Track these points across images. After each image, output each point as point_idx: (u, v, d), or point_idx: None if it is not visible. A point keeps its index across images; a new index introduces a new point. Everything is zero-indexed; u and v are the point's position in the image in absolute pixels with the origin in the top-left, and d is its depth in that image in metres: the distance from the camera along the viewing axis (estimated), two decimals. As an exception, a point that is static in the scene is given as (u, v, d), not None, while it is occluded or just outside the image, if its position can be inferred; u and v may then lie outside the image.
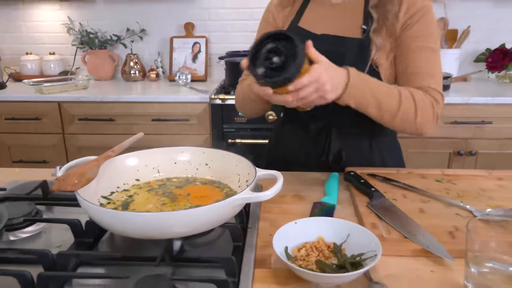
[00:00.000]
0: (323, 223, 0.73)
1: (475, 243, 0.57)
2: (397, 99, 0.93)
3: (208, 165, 0.91)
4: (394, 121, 0.94)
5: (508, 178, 0.99)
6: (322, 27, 1.06)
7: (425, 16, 1.01)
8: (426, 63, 1.00)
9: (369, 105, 0.91)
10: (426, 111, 0.95)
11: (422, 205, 0.85)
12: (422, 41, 1.00)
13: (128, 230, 0.67)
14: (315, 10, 1.09)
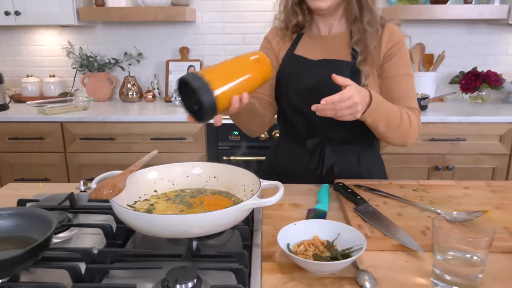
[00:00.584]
0: (318, 224, 0.87)
1: (439, 236, 0.72)
2: (399, 117, 1.10)
3: (216, 178, 1.05)
4: (393, 134, 1.11)
5: (473, 187, 1.15)
6: (316, 54, 1.22)
7: (401, 48, 1.19)
8: (407, 88, 1.19)
9: (380, 122, 1.06)
10: (415, 126, 1.14)
11: (400, 210, 1.00)
12: (402, 69, 1.18)
13: (155, 230, 0.80)
14: (307, 41, 1.26)
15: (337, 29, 1.23)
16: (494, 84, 2.55)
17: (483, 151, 2.29)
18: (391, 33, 1.18)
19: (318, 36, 1.25)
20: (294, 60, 1.23)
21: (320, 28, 1.25)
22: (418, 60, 2.74)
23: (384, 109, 1.07)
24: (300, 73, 1.20)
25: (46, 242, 0.72)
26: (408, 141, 1.17)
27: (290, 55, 1.25)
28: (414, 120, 1.15)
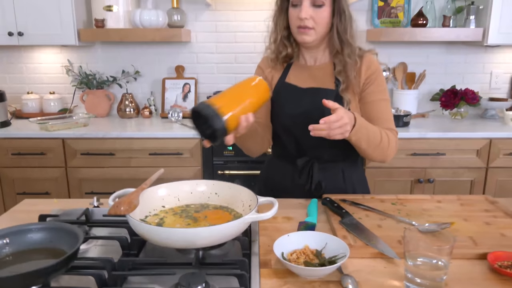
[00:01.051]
0: (308, 235, 1.00)
1: (410, 245, 0.86)
2: (379, 137, 1.24)
3: (217, 194, 1.18)
4: (374, 151, 1.25)
5: (445, 201, 1.29)
6: (305, 82, 1.37)
7: (378, 76, 1.34)
8: (385, 111, 1.34)
9: (363, 141, 1.20)
10: (393, 144, 1.29)
11: (380, 222, 1.14)
12: (379, 95, 1.33)
13: (168, 241, 0.92)
14: (296, 70, 1.40)
15: (322, 60, 1.38)
16: (471, 101, 2.73)
17: (461, 165, 2.45)
18: (369, 64, 1.33)
19: (305, 66, 1.40)
20: (286, 88, 1.37)
21: (306, 59, 1.40)
22: (401, 78, 2.91)
23: (366, 129, 1.21)
24: (292, 100, 1.34)
25: (75, 253, 0.84)
26: (387, 158, 1.31)
27: (282, 83, 1.39)
28: (392, 140, 1.29)
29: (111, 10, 2.65)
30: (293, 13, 1.30)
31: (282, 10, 1.37)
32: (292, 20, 1.32)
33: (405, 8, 2.82)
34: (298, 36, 1.32)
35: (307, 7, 1.26)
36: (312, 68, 1.39)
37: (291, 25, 1.33)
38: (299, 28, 1.30)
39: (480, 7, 2.63)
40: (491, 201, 1.29)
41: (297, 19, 1.29)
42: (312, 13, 1.26)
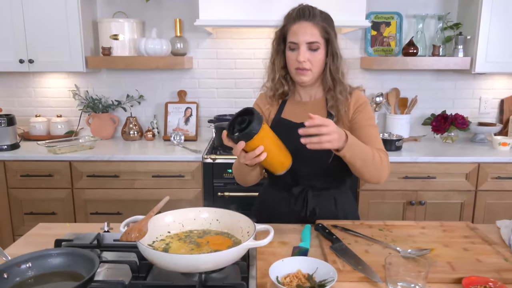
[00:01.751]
0: (301, 260, 1.11)
1: (390, 271, 0.96)
2: (371, 154, 1.33)
3: (218, 221, 1.29)
4: (369, 168, 1.33)
5: (429, 227, 1.40)
6: (298, 117, 1.49)
7: (365, 107, 1.47)
8: (373, 135, 1.45)
9: (357, 157, 1.30)
10: (386, 162, 1.38)
11: (367, 247, 1.24)
12: (367, 122, 1.46)
13: (174, 266, 1.02)
14: (292, 106, 1.53)
15: (315, 96, 1.51)
16: (461, 126, 2.85)
17: (451, 188, 2.56)
18: (357, 98, 1.46)
19: (300, 102, 1.52)
20: (281, 123, 1.49)
21: (302, 96, 1.52)
22: (393, 103, 3.03)
23: (359, 146, 1.31)
24: (287, 134, 1.46)
25: (92, 277, 0.95)
26: (381, 178, 1.39)
27: (278, 119, 1.51)
28: (384, 159, 1.38)
29: (117, 39, 2.79)
30: (292, 56, 1.43)
31: (278, 52, 1.50)
32: (290, 62, 1.45)
33: (397, 37, 2.96)
34: (296, 76, 1.45)
35: (304, 51, 1.39)
36: (306, 104, 1.51)
37: (289, 67, 1.46)
38: (297, 70, 1.43)
39: (468, 37, 2.77)
40: (472, 228, 1.39)
41: (295, 61, 1.41)
42: (309, 56, 1.39)
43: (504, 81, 3.06)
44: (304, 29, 1.40)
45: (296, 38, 1.40)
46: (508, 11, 2.62)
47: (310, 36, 1.40)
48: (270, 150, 1.25)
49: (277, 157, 1.29)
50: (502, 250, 1.23)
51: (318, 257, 1.19)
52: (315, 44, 1.40)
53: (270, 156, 1.25)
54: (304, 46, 1.39)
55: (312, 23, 1.41)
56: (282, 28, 1.48)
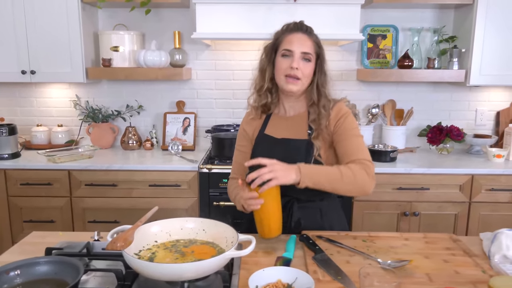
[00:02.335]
0: (281, 270, 1.14)
1: (364, 282, 0.99)
2: (337, 170, 1.36)
3: (204, 231, 1.32)
4: (343, 185, 1.36)
5: (412, 238, 1.42)
6: (281, 133, 1.53)
7: (347, 118, 1.50)
8: (355, 145, 1.47)
9: (322, 182, 1.34)
10: (361, 173, 1.38)
11: (348, 258, 1.27)
12: (350, 132, 1.48)
13: (158, 275, 1.06)
14: (275, 121, 1.57)
15: (299, 110, 1.55)
16: (456, 138, 2.87)
17: (445, 199, 2.58)
18: (338, 111, 1.50)
19: (284, 116, 1.57)
20: (264, 139, 1.54)
21: (286, 110, 1.56)
22: (389, 115, 3.07)
23: (319, 173, 1.34)
24: (268, 149, 1.50)
25: (76, 284, 0.98)
26: (364, 189, 1.39)
27: (261, 135, 1.56)
28: (358, 171, 1.38)
29: (118, 51, 2.85)
30: (284, 62, 1.46)
31: (270, 61, 1.53)
32: (281, 69, 1.47)
33: (393, 50, 3.00)
34: (285, 85, 1.47)
35: (298, 60, 1.43)
36: (289, 119, 1.55)
37: (279, 74, 1.48)
38: (288, 77, 1.46)
39: (463, 50, 2.80)
40: (454, 240, 1.42)
41: (287, 68, 1.45)
42: (301, 65, 1.43)
43: (500, 93, 3.08)
44: (300, 40, 1.46)
45: (292, 46, 1.45)
46: (502, 25, 2.65)
47: (306, 47, 1.45)
48: (267, 208, 1.32)
49: (268, 220, 1.34)
50: (482, 262, 1.25)
51: (300, 267, 1.22)
52: (309, 55, 1.45)
53: (264, 213, 1.33)
54: (298, 55, 1.44)
55: (308, 36, 1.48)
56: (276, 39, 1.52)
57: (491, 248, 1.29)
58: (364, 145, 1.50)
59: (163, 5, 2.86)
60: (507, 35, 2.66)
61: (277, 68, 1.49)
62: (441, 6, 2.92)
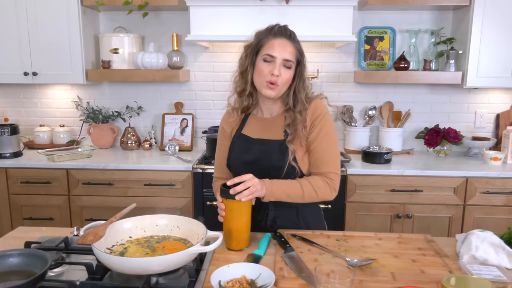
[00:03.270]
0: (246, 266, 1.16)
1: (320, 279, 1.00)
2: (300, 190, 1.41)
3: (178, 227, 1.35)
4: (304, 201, 1.43)
5: (386, 238, 1.43)
6: (257, 133, 1.55)
7: (323, 119, 1.50)
8: (325, 155, 1.48)
9: (283, 198, 1.42)
10: (323, 189, 1.44)
11: (317, 256, 1.29)
12: (323, 137, 1.49)
13: (124, 269, 1.09)
14: (252, 122, 1.59)
15: (276, 112, 1.56)
16: (452, 140, 2.85)
17: (439, 201, 2.56)
18: (314, 109, 1.50)
19: (261, 118, 1.59)
20: (241, 138, 1.56)
21: (263, 112, 1.58)
22: (387, 117, 3.06)
23: (281, 189, 1.41)
24: (244, 149, 1.52)
25: (42, 275, 1.02)
26: (325, 200, 1.49)
27: (238, 134, 1.58)
28: (321, 185, 1.45)
29: (117, 53, 2.92)
30: (265, 68, 1.46)
31: (251, 63, 1.54)
32: (262, 74, 1.47)
33: (390, 52, 3.00)
34: (264, 89, 1.48)
35: (279, 66, 1.44)
36: (266, 120, 1.57)
37: (260, 78, 1.48)
38: (268, 83, 1.46)
39: (460, 52, 2.78)
40: (429, 240, 1.42)
41: (269, 74, 1.45)
42: (281, 71, 1.45)
43: (500, 95, 3.05)
44: (284, 46, 1.45)
45: (274, 52, 1.44)
46: (500, 26, 2.63)
47: (288, 54, 1.45)
48: (231, 223, 1.35)
49: (230, 233, 1.36)
50: (450, 263, 1.25)
51: (269, 264, 1.24)
52: (289, 62, 1.45)
53: (228, 227, 1.36)
54: (280, 61, 1.44)
55: (291, 42, 1.47)
56: (258, 41, 1.52)
57: (461, 248, 1.29)
58: (336, 154, 1.51)
59: (162, 8, 2.92)
60: (505, 36, 2.64)
61: (257, 71, 1.49)
62: (439, 8, 2.91)
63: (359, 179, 2.56)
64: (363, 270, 1.20)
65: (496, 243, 1.26)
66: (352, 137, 3.00)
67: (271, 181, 1.39)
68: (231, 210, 1.34)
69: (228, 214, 1.35)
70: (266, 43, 1.48)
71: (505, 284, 1.12)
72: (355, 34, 2.79)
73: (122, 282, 1.16)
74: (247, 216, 1.37)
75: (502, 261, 1.23)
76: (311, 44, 2.96)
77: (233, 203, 1.33)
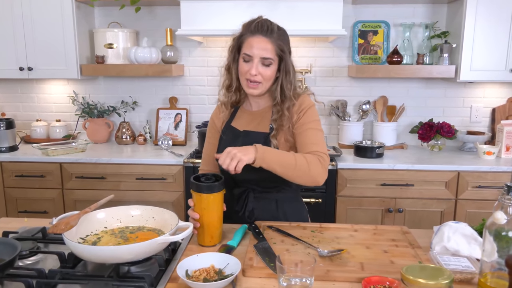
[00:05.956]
0: (214, 256, 1.18)
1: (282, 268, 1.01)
2: (292, 158, 1.37)
3: (154, 218, 1.37)
4: (294, 173, 1.36)
5: (361, 230, 1.43)
6: (245, 125, 1.56)
7: (308, 110, 1.50)
8: (312, 137, 1.47)
9: (275, 164, 1.35)
10: (315, 164, 1.38)
11: (290, 247, 1.30)
12: (308, 125, 1.48)
13: (93, 257, 1.11)
14: (241, 114, 1.61)
15: (263, 105, 1.57)
16: (446, 134, 2.83)
17: (430, 196, 2.55)
18: (300, 103, 1.50)
19: (250, 111, 1.60)
20: (229, 130, 1.57)
21: (252, 105, 1.59)
22: (381, 111, 3.05)
23: (274, 154, 1.35)
24: (231, 140, 1.53)
25: (11, 262, 1.04)
26: (316, 179, 1.39)
27: (227, 126, 1.60)
28: (313, 161, 1.38)
29: (112, 48, 2.94)
30: (244, 67, 1.47)
31: (234, 59, 1.55)
32: (242, 73, 1.48)
33: (384, 46, 2.98)
34: (246, 88, 1.50)
35: (257, 65, 1.44)
36: (254, 113, 1.58)
37: (242, 76, 1.50)
38: (248, 82, 1.47)
39: (453, 46, 2.76)
40: (404, 232, 1.42)
41: (247, 73, 1.46)
42: (260, 70, 1.45)
43: (495, 89, 3.02)
44: (260, 44, 1.44)
45: (251, 51, 1.44)
46: (493, 20, 2.60)
47: (265, 52, 1.44)
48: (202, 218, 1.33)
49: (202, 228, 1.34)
50: (421, 254, 1.25)
51: (241, 254, 1.25)
52: (268, 60, 1.45)
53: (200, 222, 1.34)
54: (257, 60, 1.44)
55: (269, 39, 1.45)
56: (239, 37, 1.53)
57: (433, 239, 1.29)
58: (322, 139, 1.50)
59: (155, 3, 2.93)
60: (498, 30, 2.61)
61: (239, 70, 1.50)
62: (433, 1, 2.89)
63: (350, 173, 2.55)
64: (333, 260, 1.21)
65: (468, 234, 1.26)
66: (346, 131, 2.99)
67: (263, 146, 1.35)
68: (201, 203, 1.34)
69: (198, 208, 1.34)
70: (245, 41, 1.48)
71: (473, 275, 1.12)
72: (346, 28, 2.78)
73: (94, 271, 1.17)
74: (218, 210, 1.36)
75: (474, 252, 1.22)
76: (304, 38, 2.96)
77: (203, 197, 1.33)
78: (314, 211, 2.36)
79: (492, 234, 1.02)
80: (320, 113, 2.52)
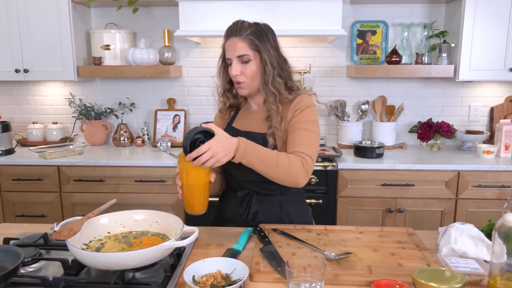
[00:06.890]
0: (221, 261, 1.16)
1: (291, 273, 1.00)
2: (275, 156, 1.33)
3: (157, 223, 1.35)
4: (275, 172, 1.32)
5: (367, 232, 1.42)
6: (245, 126, 1.55)
7: (304, 110, 1.47)
8: (301, 138, 1.43)
9: (255, 162, 1.31)
10: (297, 166, 1.35)
11: (296, 250, 1.28)
12: (300, 125, 1.45)
13: (98, 264, 1.09)
14: (242, 115, 1.60)
15: (260, 105, 1.56)
16: (445, 134, 2.83)
17: (431, 195, 2.55)
18: (297, 102, 1.48)
19: (250, 110, 1.59)
20: (230, 131, 1.55)
21: (251, 105, 1.59)
22: (379, 111, 3.04)
23: (256, 151, 1.31)
24: None
25: (14, 270, 1.02)
26: (296, 181, 1.35)
27: (229, 127, 1.59)
28: (295, 162, 1.34)
29: (109, 49, 2.91)
30: (230, 71, 1.48)
31: (223, 66, 1.56)
32: (231, 77, 1.50)
33: (382, 46, 2.98)
34: (237, 90, 1.53)
35: (236, 65, 1.44)
36: (254, 113, 1.57)
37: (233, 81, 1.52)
38: (235, 83, 1.50)
39: (452, 45, 2.76)
40: (410, 233, 1.41)
41: (232, 76, 1.48)
42: (241, 68, 1.44)
43: (494, 89, 3.03)
44: (232, 45, 1.46)
45: (228, 54, 1.48)
46: (492, 19, 2.61)
47: (239, 50, 1.44)
48: (188, 183, 1.29)
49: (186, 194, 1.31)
50: (429, 256, 1.24)
51: (247, 259, 1.23)
52: (245, 56, 1.44)
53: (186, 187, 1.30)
54: (235, 60, 1.45)
55: (239, 38, 1.44)
56: (222, 45, 1.53)
57: (440, 241, 1.28)
58: (313, 141, 1.44)
59: (152, 3, 2.91)
60: (496, 29, 2.62)
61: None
62: (431, 1, 2.89)
63: (350, 173, 2.55)
64: (340, 263, 1.20)
65: (475, 236, 1.25)
66: (345, 132, 2.98)
67: (247, 142, 1.31)
68: (179, 166, 1.31)
69: (180, 174, 1.32)
70: (224, 47, 1.51)
71: (482, 277, 1.11)
72: (345, 28, 2.76)
73: (98, 278, 1.15)
74: (196, 173, 1.29)
75: (481, 253, 1.22)
76: (303, 38, 2.95)
77: (180, 156, 1.29)
78: (315, 212, 2.33)
79: (501, 236, 1.02)
80: (320, 114, 2.52)
